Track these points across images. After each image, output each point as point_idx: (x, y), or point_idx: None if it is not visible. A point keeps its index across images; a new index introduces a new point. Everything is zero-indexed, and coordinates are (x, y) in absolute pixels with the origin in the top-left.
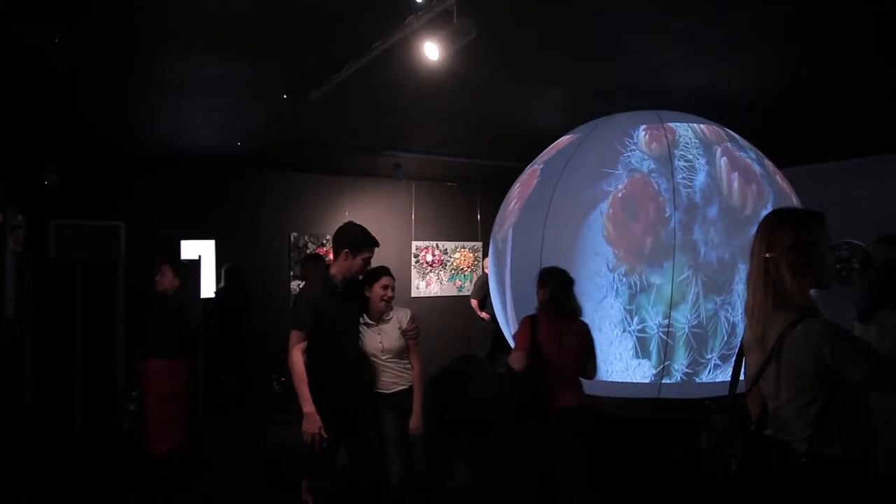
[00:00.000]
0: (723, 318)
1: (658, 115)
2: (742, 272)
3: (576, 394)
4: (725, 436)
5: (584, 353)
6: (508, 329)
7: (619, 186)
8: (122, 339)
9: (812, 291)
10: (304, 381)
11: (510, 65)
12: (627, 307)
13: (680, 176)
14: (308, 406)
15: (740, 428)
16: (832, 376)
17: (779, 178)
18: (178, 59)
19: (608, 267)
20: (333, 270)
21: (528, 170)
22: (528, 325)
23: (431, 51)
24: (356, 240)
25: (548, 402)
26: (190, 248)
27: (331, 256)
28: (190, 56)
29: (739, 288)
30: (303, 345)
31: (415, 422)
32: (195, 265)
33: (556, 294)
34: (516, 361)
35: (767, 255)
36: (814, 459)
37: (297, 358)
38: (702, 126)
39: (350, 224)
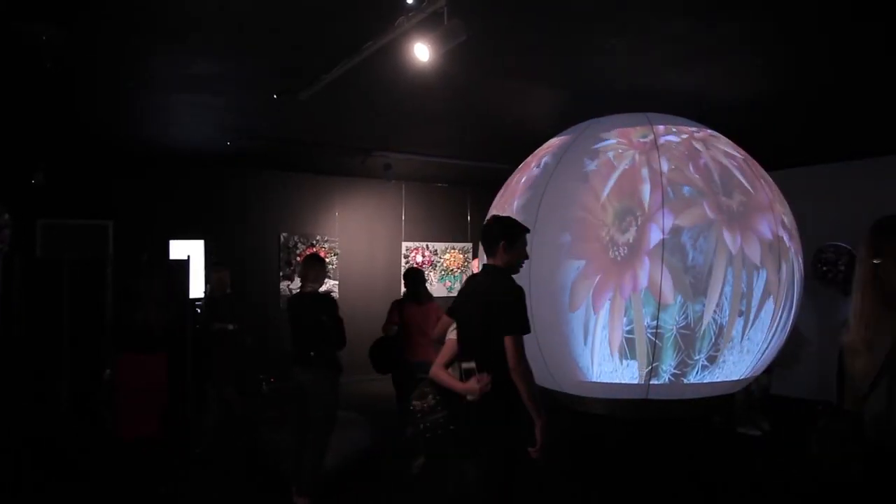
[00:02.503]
0: (711, 320)
1: (647, 116)
2: (730, 275)
3: (431, 351)
4: (846, 441)
5: (433, 325)
6: None
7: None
8: (109, 339)
9: None
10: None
11: (501, 66)
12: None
13: (668, 177)
14: (544, 414)
15: (860, 434)
16: None
17: (765, 181)
18: (169, 58)
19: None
20: (501, 264)
21: (519, 169)
22: (396, 307)
23: (422, 52)
24: (506, 229)
25: (408, 357)
26: (179, 248)
27: (321, 255)
28: (180, 54)
29: (727, 290)
30: None
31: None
32: (184, 265)
33: (414, 287)
34: (389, 331)
35: (877, 261)
36: None
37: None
38: (691, 128)
39: (494, 218)
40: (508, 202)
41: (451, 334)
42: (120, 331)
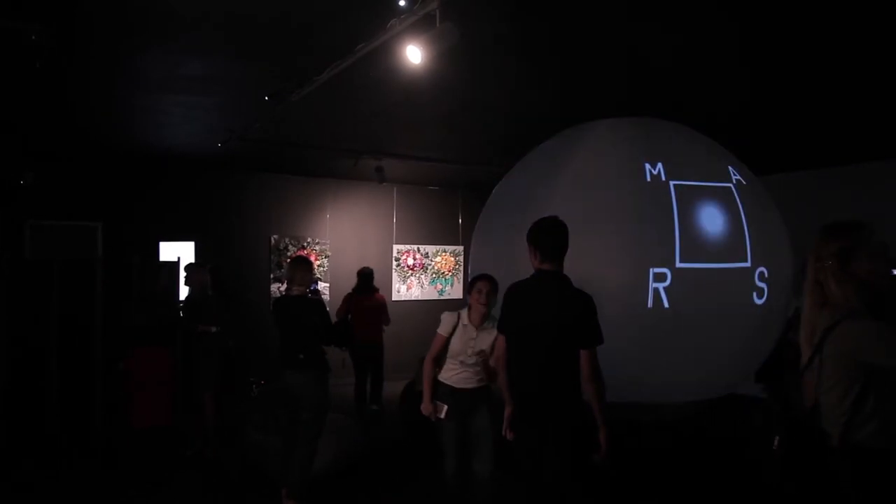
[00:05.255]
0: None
1: (641, 120)
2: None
3: (376, 333)
4: (775, 418)
5: (381, 311)
6: None
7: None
8: (99, 339)
9: None
10: None
11: (493, 69)
12: None
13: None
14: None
15: (787, 412)
16: (868, 367)
17: (752, 187)
18: (160, 58)
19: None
20: (561, 270)
21: (511, 172)
22: (347, 298)
23: (414, 54)
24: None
25: (354, 336)
26: (169, 250)
27: (312, 257)
28: (172, 55)
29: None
30: None
31: None
32: (174, 266)
33: (363, 281)
34: (340, 316)
35: (817, 266)
36: (845, 445)
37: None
38: (682, 133)
39: (561, 221)
40: (504, 206)
41: (442, 330)
42: (129, 327)
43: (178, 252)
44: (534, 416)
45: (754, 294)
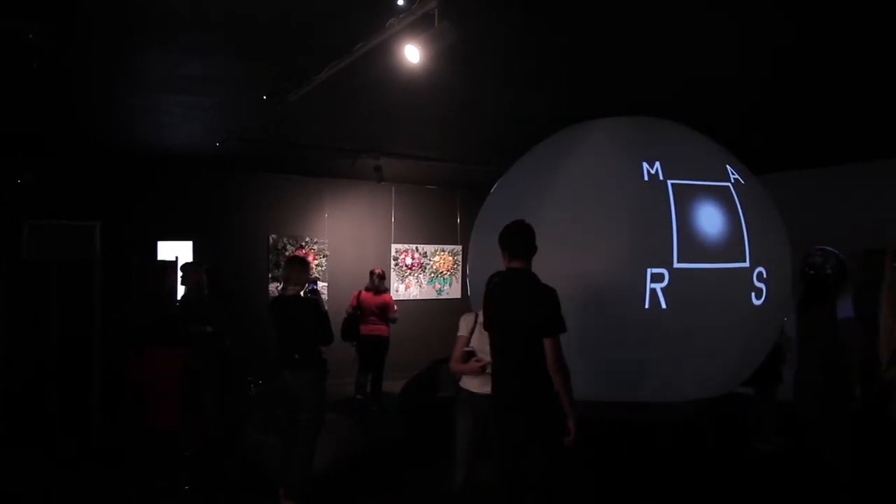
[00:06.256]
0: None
1: (638, 120)
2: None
3: (381, 328)
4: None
5: (385, 308)
6: None
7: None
8: (98, 340)
9: None
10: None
11: (491, 68)
12: None
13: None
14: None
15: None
16: None
17: (750, 186)
18: (160, 58)
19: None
20: (528, 267)
21: (509, 172)
22: (356, 294)
23: (412, 54)
24: (533, 234)
25: (363, 331)
26: (167, 249)
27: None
28: (172, 55)
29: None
30: None
31: None
32: (171, 266)
33: (375, 280)
34: (349, 311)
35: (894, 266)
36: None
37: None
38: (680, 132)
39: (525, 223)
40: (502, 206)
41: (462, 331)
42: (130, 328)
43: (177, 252)
44: (513, 411)
45: (752, 294)
